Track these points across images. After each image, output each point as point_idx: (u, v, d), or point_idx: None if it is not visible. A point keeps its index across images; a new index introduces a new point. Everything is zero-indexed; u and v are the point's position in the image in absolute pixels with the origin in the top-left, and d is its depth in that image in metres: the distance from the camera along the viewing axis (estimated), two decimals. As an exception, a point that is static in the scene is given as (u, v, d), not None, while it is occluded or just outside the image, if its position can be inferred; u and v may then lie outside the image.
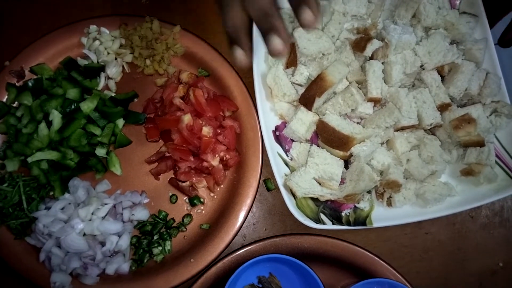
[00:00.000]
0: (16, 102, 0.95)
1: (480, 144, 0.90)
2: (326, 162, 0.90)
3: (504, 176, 0.94)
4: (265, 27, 0.59)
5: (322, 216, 0.92)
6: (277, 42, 0.59)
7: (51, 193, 0.92)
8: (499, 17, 1.10)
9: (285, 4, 0.65)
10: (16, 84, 0.95)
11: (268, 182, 0.98)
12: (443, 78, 0.95)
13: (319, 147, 0.92)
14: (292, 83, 0.94)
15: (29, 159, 0.89)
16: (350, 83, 0.93)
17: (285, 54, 0.61)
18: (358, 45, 0.93)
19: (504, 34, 0.95)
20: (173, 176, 0.95)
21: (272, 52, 0.60)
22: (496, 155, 0.94)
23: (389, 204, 0.93)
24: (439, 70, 0.94)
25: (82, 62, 0.97)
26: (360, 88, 0.93)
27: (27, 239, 0.90)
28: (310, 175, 0.90)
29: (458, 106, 0.94)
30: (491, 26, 0.97)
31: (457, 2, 0.99)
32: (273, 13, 0.60)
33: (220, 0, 0.64)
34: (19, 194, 0.89)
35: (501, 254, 1.00)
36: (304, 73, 0.94)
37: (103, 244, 0.89)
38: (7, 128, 0.92)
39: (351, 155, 0.91)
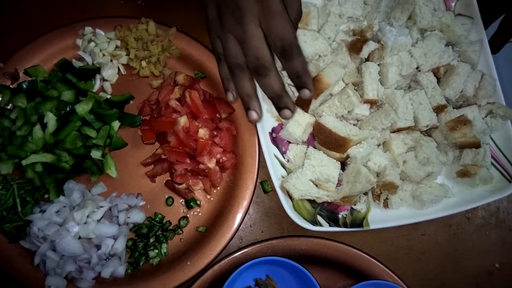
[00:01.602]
0: (10, 104, 0.94)
1: (476, 145, 0.91)
2: (322, 164, 0.90)
3: (499, 177, 0.95)
4: (279, 105, 0.75)
5: (319, 218, 0.91)
6: (288, 114, 0.75)
7: (46, 196, 0.91)
8: (493, 19, 1.11)
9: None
10: (10, 86, 0.95)
11: (264, 184, 0.97)
12: (438, 80, 0.95)
13: (315, 149, 0.92)
14: (289, 84, 0.94)
15: (24, 162, 0.88)
16: (346, 84, 0.94)
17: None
18: (354, 47, 0.93)
19: (491, 40, 0.97)
20: (169, 178, 0.95)
21: (283, 118, 0.76)
22: (492, 157, 0.94)
23: (386, 205, 0.93)
24: (435, 72, 0.95)
25: (77, 64, 0.97)
26: (356, 90, 0.93)
27: (22, 242, 0.89)
28: (307, 177, 0.90)
29: (454, 108, 0.95)
30: (485, 28, 0.98)
31: (452, 4, 1.00)
32: (285, 94, 0.74)
33: (233, 69, 0.73)
34: (13, 197, 0.88)
35: (497, 255, 1.00)
36: (300, 74, 0.94)
37: (98, 247, 0.88)
38: (1, 131, 0.91)
39: (347, 156, 0.91)
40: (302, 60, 0.69)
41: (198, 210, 0.95)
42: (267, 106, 0.95)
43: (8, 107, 0.94)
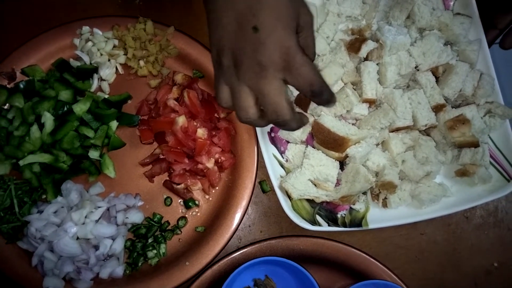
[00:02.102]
0: (7, 104, 0.94)
1: (475, 144, 0.91)
2: (321, 164, 0.90)
3: (498, 176, 0.95)
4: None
5: (318, 218, 0.91)
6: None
7: (44, 196, 0.91)
8: (492, 18, 1.10)
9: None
10: (7, 85, 0.94)
11: (263, 184, 0.97)
12: (437, 79, 0.95)
13: (314, 148, 0.92)
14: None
15: (21, 162, 0.87)
16: (345, 84, 0.93)
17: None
18: (353, 46, 0.93)
19: (504, 37, 0.96)
20: (168, 178, 0.94)
21: None
22: (490, 156, 0.94)
23: (385, 205, 0.93)
24: (434, 71, 0.95)
25: (74, 63, 0.96)
26: (355, 89, 0.93)
27: (19, 243, 0.88)
28: (306, 176, 0.90)
29: (452, 107, 0.95)
30: (484, 27, 0.98)
31: (451, 3, 1.00)
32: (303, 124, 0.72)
33: (243, 121, 0.70)
34: (11, 198, 0.88)
35: (496, 254, 1.00)
36: (299, 74, 0.94)
37: (96, 247, 0.88)
38: (-2, 131, 0.91)
39: (346, 156, 0.91)
40: (330, 92, 0.68)
41: (197, 210, 0.95)
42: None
43: (5, 107, 0.94)
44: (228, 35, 0.66)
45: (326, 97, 0.68)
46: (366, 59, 0.94)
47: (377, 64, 0.92)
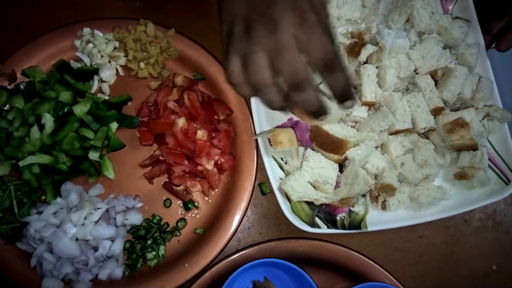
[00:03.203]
0: (7, 105, 0.94)
1: (473, 148, 0.91)
2: (321, 166, 0.90)
3: (497, 179, 0.95)
4: (317, 117, 0.70)
5: (317, 220, 0.91)
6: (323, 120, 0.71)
7: (43, 197, 0.91)
8: (490, 22, 1.11)
9: None
10: (8, 87, 0.94)
11: (263, 186, 0.97)
12: (436, 83, 0.95)
13: (313, 150, 0.92)
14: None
15: (21, 163, 0.88)
16: (344, 87, 0.94)
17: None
18: (353, 51, 0.93)
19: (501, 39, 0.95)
20: (167, 180, 0.94)
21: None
22: (489, 159, 0.95)
23: (384, 207, 0.93)
24: (433, 75, 0.95)
25: (75, 65, 0.96)
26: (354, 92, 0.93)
27: (18, 244, 0.88)
28: (305, 178, 0.90)
29: (451, 110, 0.95)
30: (482, 31, 0.98)
31: (450, 7, 1.00)
32: (322, 107, 0.68)
33: (258, 88, 0.66)
34: (10, 199, 0.88)
35: (495, 257, 1.00)
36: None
37: (95, 249, 0.88)
38: (-2, 132, 0.91)
39: (345, 158, 0.91)
40: (345, 72, 0.64)
41: (196, 212, 0.95)
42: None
43: (6, 108, 0.94)
44: (240, 4, 0.64)
45: (340, 79, 0.64)
46: (365, 62, 0.94)
47: (376, 67, 0.92)
